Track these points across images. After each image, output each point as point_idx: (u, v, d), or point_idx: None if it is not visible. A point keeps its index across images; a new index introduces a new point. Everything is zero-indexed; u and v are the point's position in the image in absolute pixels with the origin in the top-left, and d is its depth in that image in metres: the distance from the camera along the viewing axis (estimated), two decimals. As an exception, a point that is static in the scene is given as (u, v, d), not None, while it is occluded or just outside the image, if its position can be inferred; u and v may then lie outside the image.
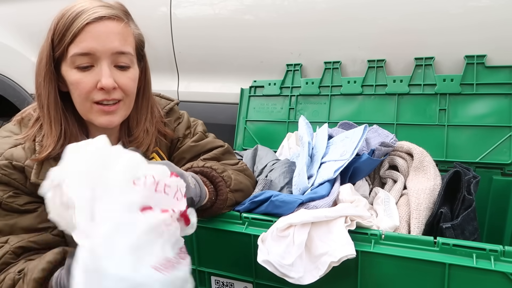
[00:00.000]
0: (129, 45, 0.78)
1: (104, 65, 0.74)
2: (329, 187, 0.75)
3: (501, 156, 0.98)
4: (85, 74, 0.74)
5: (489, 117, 1.00)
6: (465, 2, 1.04)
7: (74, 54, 0.73)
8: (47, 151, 0.75)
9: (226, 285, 0.73)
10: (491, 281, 0.52)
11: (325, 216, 0.60)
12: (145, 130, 0.85)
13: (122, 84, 0.77)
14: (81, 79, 0.74)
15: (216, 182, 0.73)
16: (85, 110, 0.77)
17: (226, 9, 1.36)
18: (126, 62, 0.78)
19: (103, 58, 0.74)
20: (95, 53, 0.73)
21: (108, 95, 0.75)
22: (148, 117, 0.87)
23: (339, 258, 0.56)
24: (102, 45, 0.73)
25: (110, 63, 0.75)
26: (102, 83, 0.74)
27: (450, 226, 0.68)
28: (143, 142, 0.85)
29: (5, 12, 1.79)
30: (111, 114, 0.78)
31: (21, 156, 0.75)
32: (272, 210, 0.69)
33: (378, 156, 0.86)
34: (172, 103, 0.96)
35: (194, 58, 1.46)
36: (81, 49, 0.73)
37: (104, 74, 0.74)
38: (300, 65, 1.26)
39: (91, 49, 0.73)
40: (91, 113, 0.77)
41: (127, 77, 0.78)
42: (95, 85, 0.74)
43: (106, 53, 0.74)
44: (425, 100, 1.08)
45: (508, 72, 1.00)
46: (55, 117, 0.77)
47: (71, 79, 0.75)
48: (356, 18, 1.16)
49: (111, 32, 0.75)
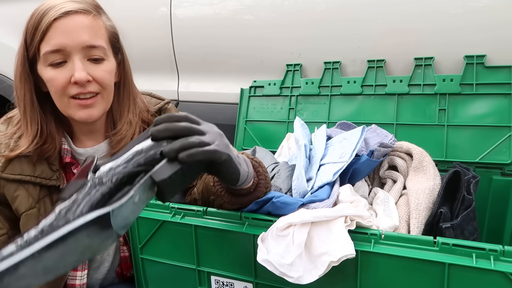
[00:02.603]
0: (100, 38, 0.78)
1: (76, 59, 0.74)
2: (329, 190, 0.75)
3: (500, 156, 0.98)
4: (59, 71, 0.75)
5: (489, 117, 1.00)
6: (464, 3, 1.04)
7: (46, 52, 0.73)
8: (19, 150, 0.76)
9: (226, 285, 0.73)
10: (491, 280, 0.53)
11: (325, 216, 0.60)
12: (128, 122, 0.85)
13: (97, 77, 0.77)
14: (55, 75, 0.74)
15: (259, 177, 0.70)
16: (63, 106, 0.78)
17: (226, 9, 1.36)
18: (99, 54, 0.77)
19: (74, 52, 0.74)
20: (66, 49, 0.73)
21: (83, 88, 0.75)
22: (131, 108, 0.86)
23: (338, 258, 0.56)
24: (71, 39, 0.73)
25: (82, 57, 0.75)
26: (75, 77, 0.74)
27: (450, 226, 0.68)
28: (126, 134, 0.85)
29: (5, 12, 1.79)
30: (89, 107, 0.77)
31: None
32: (273, 211, 0.69)
33: (377, 157, 0.86)
34: (162, 102, 0.95)
35: (194, 58, 1.46)
36: (51, 46, 0.73)
37: (77, 68, 0.74)
38: (300, 65, 1.26)
39: (61, 45, 0.73)
40: (69, 108, 0.77)
41: (101, 69, 0.78)
42: (69, 80, 0.74)
43: (77, 48, 0.74)
44: (424, 100, 1.08)
45: (508, 72, 1.00)
46: (32, 117, 0.77)
47: (46, 77, 0.76)
48: (356, 18, 1.17)
49: (79, 26, 0.74)
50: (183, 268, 0.75)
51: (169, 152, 0.50)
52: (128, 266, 0.93)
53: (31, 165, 0.79)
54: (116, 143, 0.85)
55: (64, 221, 0.42)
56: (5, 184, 0.77)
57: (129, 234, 0.81)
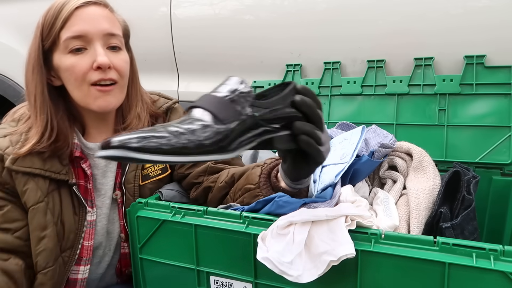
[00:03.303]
0: (118, 28, 0.82)
1: (97, 45, 0.77)
2: (331, 191, 0.75)
3: (500, 156, 0.98)
4: (80, 57, 0.77)
5: (489, 117, 1.00)
6: (464, 3, 1.04)
7: (67, 38, 0.75)
8: (30, 143, 0.77)
9: (225, 285, 0.73)
10: (491, 280, 0.53)
11: (326, 215, 0.60)
12: (137, 116, 0.88)
13: (116, 65, 0.79)
14: (76, 62, 0.76)
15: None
16: (82, 94, 0.79)
17: (226, 9, 1.36)
18: (117, 43, 0.80)
19: (95, 39, 0.77)
20: (87, 35, 0.76)
21: (104, 74, 0.77)
22: (139, 104, 0.89)
23: (338, 257, 0.56)
24: (93, 26, 0.76)
25: (102, 44, 0.78)
26: (98, 61, 0.76)
27: (450, 226, 0.68)
28: (136, 128, 0.87)
29: (5, 12, 1.79)
30: (108, 94, 0.79)
31: (4, 145, 0.77)
32: (275, 210, 0.69)
33: (378, 157, 0.86)
34: (170, 102, 0.98)
35: (194, 58, 1.46)
36: (73, 32, 0.75)
37: (99, 53, 0.76)
38: (300, 66, 1.26)
39: (82, 31, 0.75)
40: (89, 96, 0.79)
41: (120, 58, 0.81)
42: (91, 66, 0.76)
43: (98, 34, 0.77)
44: (424, 100, 1.08)
45: (508, 72, 1.00)
46: (41, 108, 0.78)
47: (65, 64, 0.77)
48: (356, 19, 1.17)
49: (100, 15, 0.78)
50: (182, 268, 0.75)
51: (299, 130, 0.59)
52: (127, 263, 0.93)
53: (41, 159, 0.79)
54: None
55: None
56: (16, 177, 0.78)
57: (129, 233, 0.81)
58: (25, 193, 0.78)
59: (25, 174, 0.78)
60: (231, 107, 0.54)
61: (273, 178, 0.75)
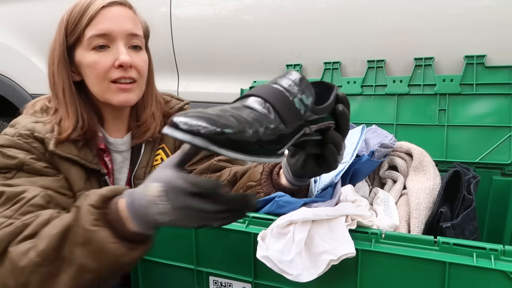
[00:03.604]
0: (140, 29, 0.84)
1: (120, 44, 0.79)
2: (331, 191, 0.75)
3: (501, 156, 0.98)
4: (102, 54, 0.79)
5: (489, 117, 1.00)
6: (464, 2, 1.04)
7: (92, 35, 0.78)
8: (66, 132, 0.78)
9: (224, 285, 0.73)
10: (491, 279, 0.52)
11: (326, 215, 0.60)
12: (151, 115, 0.90)
13: (136, 64, 0.82)
14: (98, 59, 0.79)
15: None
16: (102, 90, 0.81)
17: (226, 9, 1.36)
18: (139, 43, 0.83)
19: (119, 38, 0.79)
20: (111, 34, 0.79)
21: (125, 72, 0.80)
22: (153, 103, 0.92)
23: (338, 257, 0.56)
24: (117, 26, 0.79)
25: (125, 43, 0.80)
26: (120, 60, 0.78)
27: (450, 226, 0.68)
28: (150, 126, 0.90)
29: (5, 12, 1.79)
30: (128, 91, 0.82)
31: (42, 130, 0.78)
32: (275, 210, 0.69)
33: (378, 157, 0.86)
34: (182, 102, 1.02)
35: (194, 58, 1.46)
36: (98, 30, 0.78)
37: (122, 52, 0.79)
38: (300, 66, 1.26)
39: (107, 30, 0.78)
40: (109, 92, 0.81)
41: (140, 58, 0.84)
42: (113, 64, 0.79)
43: (122, 34, 0.80)
44: (424, 100, 1.08)
45: (508, 72, 1.00)
46: (70, 102, 0.81)
47: (88, 60, 0.79)
48: (356, 18, 1.17)
49: (124, 15, 0.81)
50: (181, 268, 0.75)
51: (331, 139, 0.59)
52: None
53: (76, 147, 0.81)
54: (141, 134, 0.90)
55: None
56: (59, 162, 0.78)
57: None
58: (70, 178, 0.79)
59: (66, 159, 0.79)
60: (294, 109, 0.51)
61: (274, 175, 0.75)
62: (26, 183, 0.71)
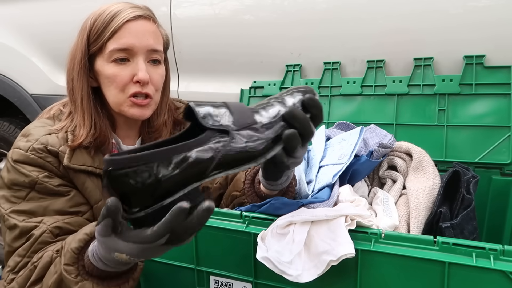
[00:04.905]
0: (161, 44, 0.84)
1: (140, 60, 0.80)
2: (329, 191, 0.75)
3: (500, 156, 0.98)
4: (122, 68, 0.79)
5: (488, 117, 1.01)
6: (464, 2, 1.04)
7: (113, 49, 0.78)
8: (79, 140, 0.79)
9: (224, 285, 0.73)
10: (491, 279, 0.53)
11: (325, 215, 0.60)
12: (163, 123, 0.92)
13: (153, 80, 0.82)
14: (118, 72, 0.79)
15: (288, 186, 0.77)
16: (118, 102, 0.82)
17: (226, 9, 1.36)
18: (158, 57, 0.83)
19: (139, 53, 0.80)
20: (133, 49, 0.79)
21: (141, 88, 0.80)
22: (166, 112, 0.93)
23: (338, 257, 0.56)
24: (139, 41, 0.79)
25: (145, 58, 0.81)
26: (139, 76, 0.79)
27: (450, 226, 0.68)
28: (162, 133, 0.92)
29: (6, 12, 1.79)
30: (143, 107, 0.82)
31: (56, 142, 0.78)
32: (272, 212, 0.69)
33: (376, 157, 0.86)
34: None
35: (194, 58, 1.46)
36: (120, 44, 0.78)
37: (141, 68, 0.79)
38: (300, 66, 1.26)
39: (129, 45, 0.78)
40: (124, 105, 0.82)
41: (157, 73, 0.84)
42: (131, 78, 0.79)
43: (143, 50, 0.80)
44: (424, 101, 1.08)
45: (507, 72, 1.00)
46: (87, 110, 0.81)
47: (107, 72, 0.80)
48: (356, 18, 1.17)
49: (147, 30, 0.81)
50: (182, 268, 0.75)
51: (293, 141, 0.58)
52: None
53: (89, 156, 0.81)
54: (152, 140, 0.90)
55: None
56: (74, 175, 0.79)
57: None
58: (86, 191, 0.80)
59: (81, 172, 0.80)
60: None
61: (256, 184, 0.76)
62: (38, 209, 0.74)
